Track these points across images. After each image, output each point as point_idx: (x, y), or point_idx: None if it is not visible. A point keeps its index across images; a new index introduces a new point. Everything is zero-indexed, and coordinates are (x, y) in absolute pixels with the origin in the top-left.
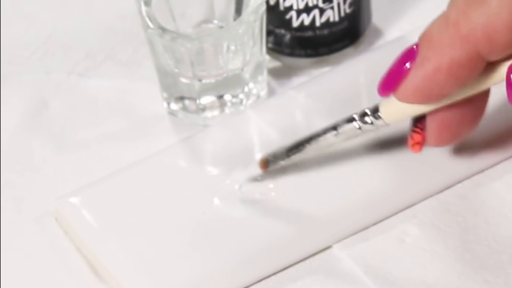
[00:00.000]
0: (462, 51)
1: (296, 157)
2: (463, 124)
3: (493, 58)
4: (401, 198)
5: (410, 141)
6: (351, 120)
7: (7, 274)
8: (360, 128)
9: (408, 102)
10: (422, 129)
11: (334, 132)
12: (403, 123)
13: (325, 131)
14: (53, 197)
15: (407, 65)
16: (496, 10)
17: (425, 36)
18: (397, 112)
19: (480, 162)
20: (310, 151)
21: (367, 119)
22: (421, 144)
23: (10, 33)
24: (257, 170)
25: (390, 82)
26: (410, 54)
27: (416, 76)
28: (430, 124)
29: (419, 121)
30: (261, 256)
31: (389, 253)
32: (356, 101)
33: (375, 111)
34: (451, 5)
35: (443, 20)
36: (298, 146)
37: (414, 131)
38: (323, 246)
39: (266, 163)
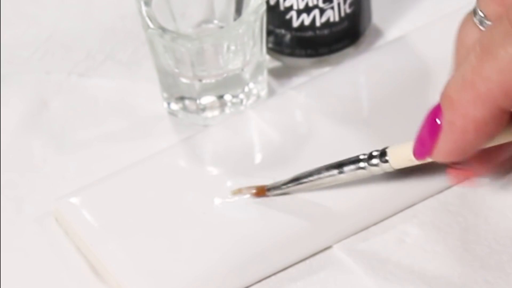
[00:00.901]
0: (484, 110)
1: (294, 190)
2: (500, 149)
3: None
4: (401, 198)
5: (455, 180)
6: (356, 161)
7: (7, 274)
8: (364, 168)
9: (445, 162)
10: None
11: (337, 171)
12: None
13: (328, 169)
14: (53, 197)
15: (436, 124)
16: (507, 63)
17: (445, 97)
18: (406, 160)
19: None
20: (310, 187)
21: (373, 161)
22: (468, 178)
23: (10, 33)
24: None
25: (424, 146)
26: (434, 115)
27: (446, 141)
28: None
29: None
30: (261, 256)
31: (389, 253)
32: (356, 101)
33: (382, 155)
34: (465, 62)
35: (460, 80)
36: (298, 180)
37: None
38: (323, 246)
39: (264, 191)
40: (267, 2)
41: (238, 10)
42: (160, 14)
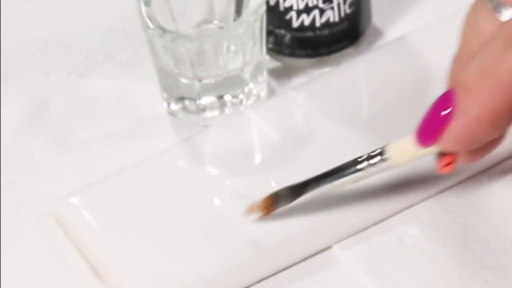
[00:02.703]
0: (504, 100)
1: (300, 200)
2: (493, 141)
3: None
4: (401, 198)
5: (439, 163)
6: (355, 163)
7: (7, 274)
8: (363, 169)
9: (450, 151)
10: None
11: (338, 178)
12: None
13: (329, 177)
14: (53, 197)
15: (445, 113)
16: None
17: (461, 84)
18: (406, 154)
19: (480, 162)
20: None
21: (373, 161)
22: (452, 163)
23: (10, 33)
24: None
25: (430, 132)
26: (446, 101)
27: (457, 127)
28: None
29: None
30: (261, 256)
31: (389, 253)
32: (356, 101)
33: (382, 153)
34: (486, 50)
35: (480, 68)
36: (301, 194)
37: (443, 153)
38: (323, 246)
39: (271, 204)
40: (267, 2)
41: (238, 10)
42: (160, 14)
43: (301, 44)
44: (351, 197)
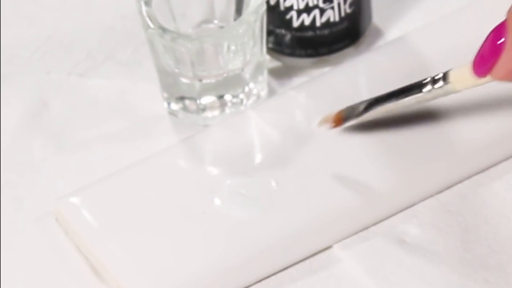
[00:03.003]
0: None
1: (369, 115)
2: None
3: None
4: (401, 198)
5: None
6: (421, 85)
7: (7, 274)
8: (430, 91)
9: (503, 81)
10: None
11: (404, 96)
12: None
13: (396, 95)
14: (53, 197)
15: (498, 43)
16: None
17: None
18: (467, 80)
19: (480, 162)
20: (381, 113)
21: (438, 84)
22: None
23: (10, 33)
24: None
25: (484, 63)
26: (499, 32)
27: (508, 59)
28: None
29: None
30: (261, 256)
31: (389, 253)
32: (356, 101)
33: (445, 77)
34: None
35: None
36: (370, 107)
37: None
38: (323, 246)
39: (343, 118)
40: (267, 2)
41: (238, 10)
42: (160, 14)
43: (301, 44)
44: (351, 197)
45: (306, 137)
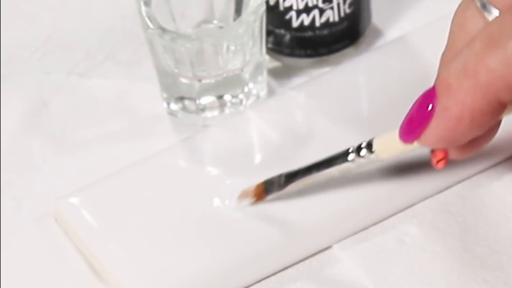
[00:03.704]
0: (483, 101)
1: (290, 190)
2: (483, 137)
3: None
4: (401, 198)
5: (433, 159)
6: (345, 154)
7: (7, 274)
8: (353, 161)
9: (430, 148)
10: None
11: (327, 167)
12: None
13: (318, 167)
14: (53, 197)
15: (428, 108)
16: None
17: (443, 83)
18: (392, 147)
19: (480, 162)
20: (304, 185)
21: (361, 153)
22: (444, 159)
23: (10, 33)
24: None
25: (412, 129)
26: (428, 98)
27: (438, 126)
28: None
29: None
30: (261, 256)
31: (389, 253)
32: (356, 101)
33: (369, 146)
34: (467, 49)
35: (461, 67)
36: (291, 180)
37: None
38: (323, 246)
39: (264, 191)
40: (267, 2)
41: (238, 10)
42: (159, 14)
43: (301, 44)
44: (351, 197)
45: (306, 137)
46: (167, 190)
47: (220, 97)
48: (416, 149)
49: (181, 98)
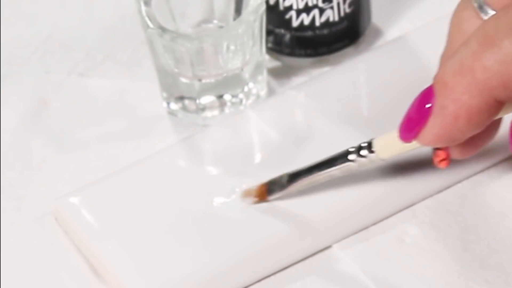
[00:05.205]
0: (480, 98)
1: (293, 188)
2: (484, 136)
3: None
4: (401, 198)
5: (435, 159)
6: (346, 154)
7: (7, 274)
8: (354, 161)
9: (429, 146)
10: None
11: (328, 167)
12: None
13: (319, 167)
14: (53, 197)
15: (426, 106)
16: (508, 53)
17: (440, 81)
18: (391, 146)
19: (480, 162)
20: (305, 186)
21: (362, 153)
22: (446, 159)
23: (10, 33)
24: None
25: (410, 128)
26: (426, 97)
27: (435, 124)
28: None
29: None
30: (261, 256)
31: (389, 253)
32: (356, 101)
33: (369, 145)
34: (464, 48)
35: (457, 65)
36: (294, 181)
37: (437, 148)
38: (323, 246)
39: (266, 192)
40: (267, 2)
41: (238, 10)
42: (159, 14)
43: (301, 44)
44: (351, 197)
45: (306, 137)
46: (167, 189)
47: (220, 97)
48: (416, 148)
49: (181, 98)
